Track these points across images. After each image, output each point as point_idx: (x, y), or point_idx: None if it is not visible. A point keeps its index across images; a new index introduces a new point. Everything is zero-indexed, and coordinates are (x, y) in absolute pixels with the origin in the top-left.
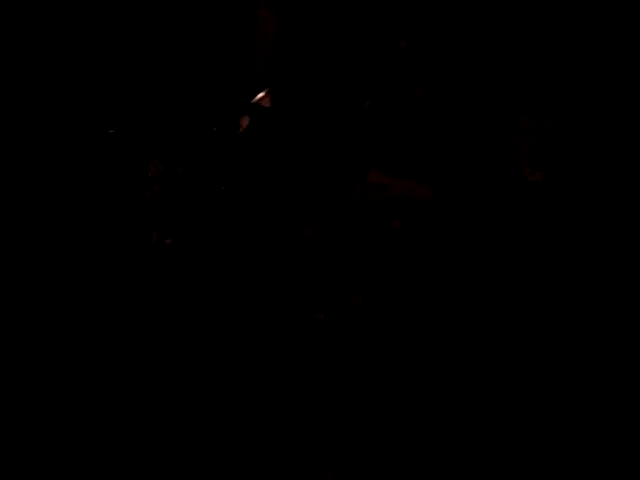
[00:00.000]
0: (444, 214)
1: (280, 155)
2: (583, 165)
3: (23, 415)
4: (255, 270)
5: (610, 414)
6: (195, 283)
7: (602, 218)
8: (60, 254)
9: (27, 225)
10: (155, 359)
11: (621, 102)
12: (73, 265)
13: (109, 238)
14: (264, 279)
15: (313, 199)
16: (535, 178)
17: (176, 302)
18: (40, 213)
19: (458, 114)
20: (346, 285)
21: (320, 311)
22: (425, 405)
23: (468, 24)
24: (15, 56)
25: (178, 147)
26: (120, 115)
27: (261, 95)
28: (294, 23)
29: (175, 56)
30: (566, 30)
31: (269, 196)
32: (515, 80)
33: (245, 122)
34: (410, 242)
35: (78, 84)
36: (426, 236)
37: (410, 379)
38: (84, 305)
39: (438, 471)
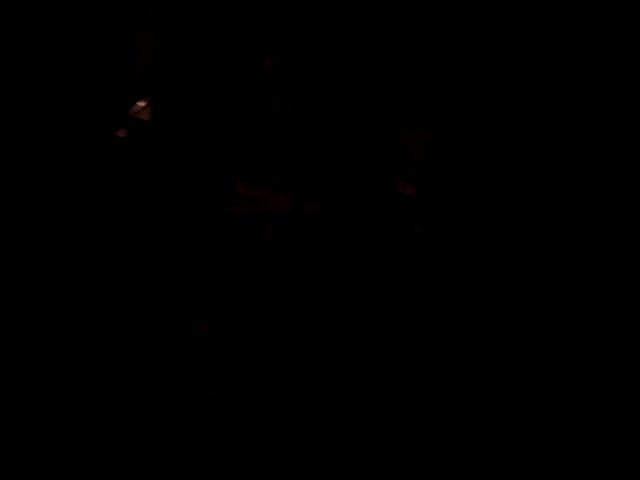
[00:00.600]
0: (309, 227)
1: (157, 168)
2: (456, 180)
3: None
4: (132, 281)
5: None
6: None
7: (475, 232)
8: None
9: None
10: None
11: (498, 117)
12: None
13: None
14: (142, 289)
15: (190, 212)
16: (408, 191)
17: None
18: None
19: (328, 127)
20: (221, 296)
21: (199, 321)
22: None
23: (345, 37)
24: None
25: (54, 157)
26: None
27: (140, 106)
28: (170, 36)
29: (46, 65)
30: (443, 45)
31: (147, 209)
32: (395, 95)
33: (122, 134)
34: (279, 256)
35: None
36: (293, 250)
37: (281, 381)
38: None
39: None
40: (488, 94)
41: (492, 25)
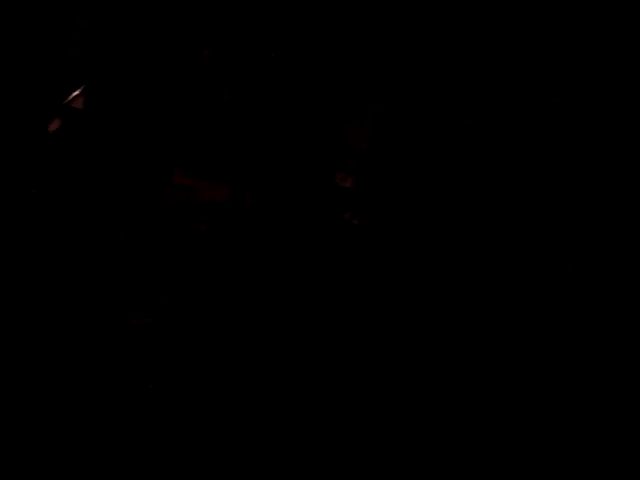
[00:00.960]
0: (247, 218)
1: (93, 159)
2: (395, 173)
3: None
4: (68, 274)
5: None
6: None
7: (412, 225)
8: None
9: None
10: None
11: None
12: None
13: None
14: (77, 282)
15: (126, 203)
16: (347, 184)
17: None
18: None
19: (267, 119)
20: (159, 289)
21: (144, 316)
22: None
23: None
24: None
25: None
26: None
27: (74, 95)
28: (107, 23)
29: None
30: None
31: (81, 201)
32: (340, 89)
33: (55, 125)
34: (215, 247)
35: None
36: (230, 241)
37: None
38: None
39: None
40: (429, 90)
41: (432, 20)
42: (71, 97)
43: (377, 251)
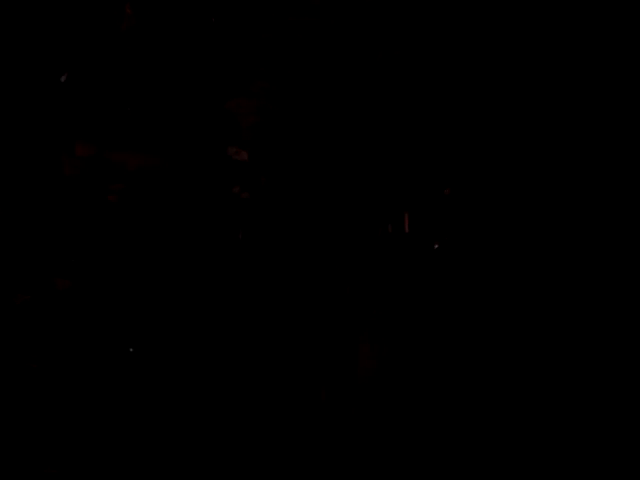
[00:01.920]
0: (156, 185)
1: None
2: (284, 146)
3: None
4: None
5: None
6: None
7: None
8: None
9: None
10: None
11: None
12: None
13: None
14: None
15: (20, 176)
16: (240, 157)
17: None
18: None
19: (165, 90)
20: (52, 267)
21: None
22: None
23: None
24: None
25: None
26: None
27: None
28: None
29: None
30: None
31: None
32: (225, 64)
33: None
34: (127, 218)
35: None
36: (144, 211)
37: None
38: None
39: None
40: (318, 65)
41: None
42: None
43: (266, 225)
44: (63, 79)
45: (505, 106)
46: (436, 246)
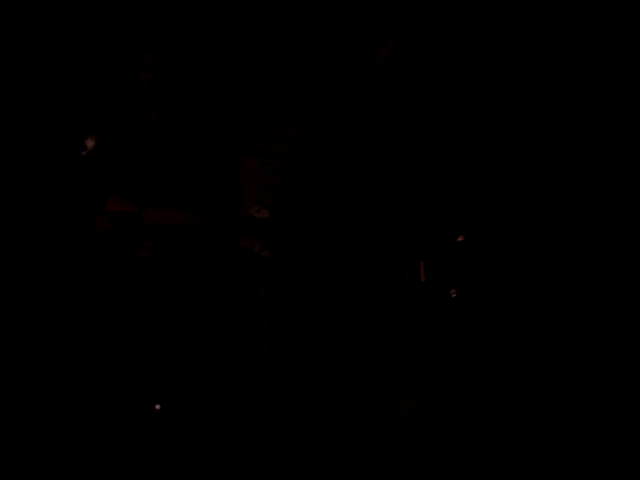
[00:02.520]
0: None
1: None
2: (307, 205)
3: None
4: None
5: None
6: None
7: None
8: None
9: None
10: None
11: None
12: None
13: None
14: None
15: (51, 230)
16: (261, 215)
17: None
18: None
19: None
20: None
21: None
22: None
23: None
24: None
25: None
26: None
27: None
28: None
29: None
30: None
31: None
32: (238, 122)
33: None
34: (156, 274)
35: None
36: (174, 267)
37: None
38: None
39: None
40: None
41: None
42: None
43: (288, 283)
44: (89, 145)
45: (513, 156)
46: (453, 295)
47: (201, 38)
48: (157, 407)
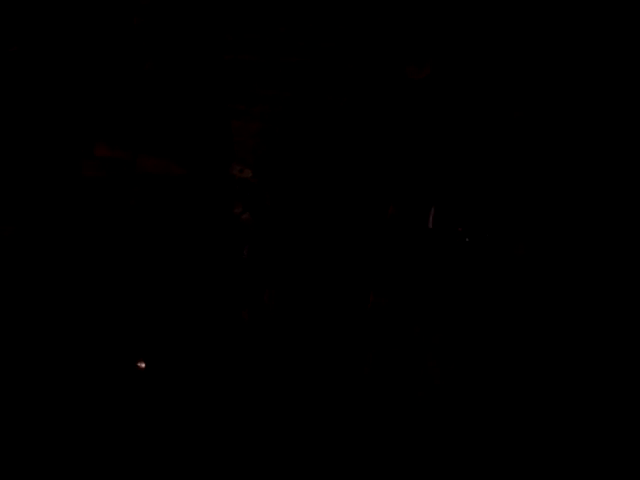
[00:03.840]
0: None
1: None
2: (287, 165)
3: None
4: None
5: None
6: None
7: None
8: None
9: None
10: None
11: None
12: None
13: None
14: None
15: (37, 174)
16: (244, 175)
17: None
18: None
19: (181, 101)
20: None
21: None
22: None
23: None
24: None
25: None
26: None
27: None
28: None
29: None
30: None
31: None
32: (231, 82)
33: None
34: (141, 222)
35: None
36: (159, 218)
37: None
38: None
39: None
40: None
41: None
42: None
43: (271, 243)
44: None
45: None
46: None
47: None
48: (142, 365)
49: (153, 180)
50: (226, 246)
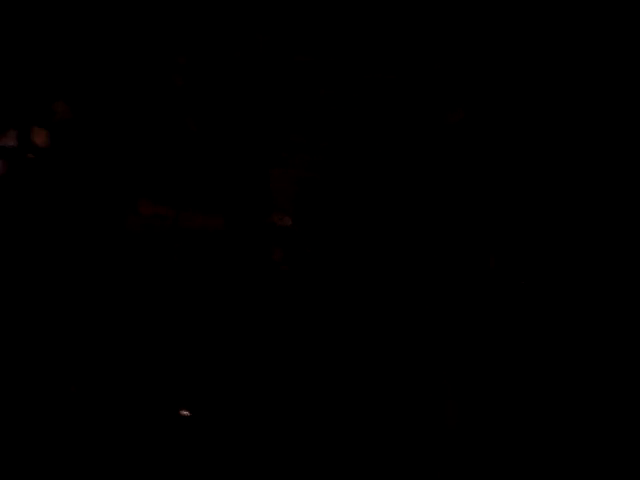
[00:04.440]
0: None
1: (50, 186)
2: (327, 213)
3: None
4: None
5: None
6: None
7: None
8: None
9: None
10: None
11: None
12: None
13: None
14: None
15: (85, 232)
16: (284, 223)
17: None
18: None
19: (228, 156)
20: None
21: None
22: None
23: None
24: None
25: None
26: None
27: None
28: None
29: None
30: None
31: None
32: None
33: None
34: (191, 276)
35: None
36: (206, 270)
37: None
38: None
39: None
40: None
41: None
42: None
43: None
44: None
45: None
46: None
47: (228, 47)
48: (184, 413)
49: (195, 235)
50: (265, 294)
